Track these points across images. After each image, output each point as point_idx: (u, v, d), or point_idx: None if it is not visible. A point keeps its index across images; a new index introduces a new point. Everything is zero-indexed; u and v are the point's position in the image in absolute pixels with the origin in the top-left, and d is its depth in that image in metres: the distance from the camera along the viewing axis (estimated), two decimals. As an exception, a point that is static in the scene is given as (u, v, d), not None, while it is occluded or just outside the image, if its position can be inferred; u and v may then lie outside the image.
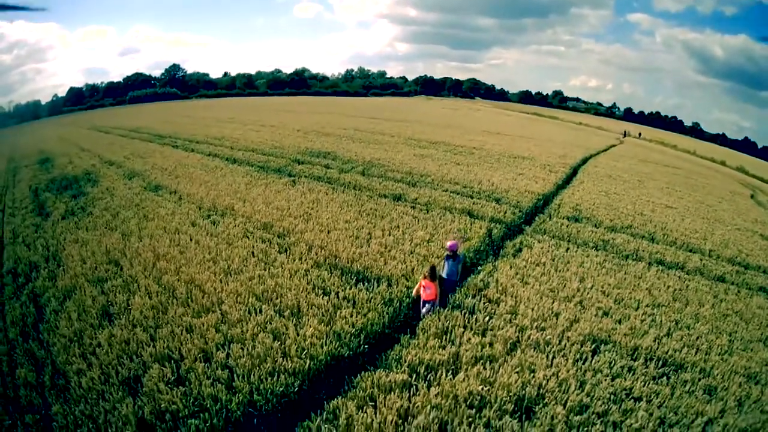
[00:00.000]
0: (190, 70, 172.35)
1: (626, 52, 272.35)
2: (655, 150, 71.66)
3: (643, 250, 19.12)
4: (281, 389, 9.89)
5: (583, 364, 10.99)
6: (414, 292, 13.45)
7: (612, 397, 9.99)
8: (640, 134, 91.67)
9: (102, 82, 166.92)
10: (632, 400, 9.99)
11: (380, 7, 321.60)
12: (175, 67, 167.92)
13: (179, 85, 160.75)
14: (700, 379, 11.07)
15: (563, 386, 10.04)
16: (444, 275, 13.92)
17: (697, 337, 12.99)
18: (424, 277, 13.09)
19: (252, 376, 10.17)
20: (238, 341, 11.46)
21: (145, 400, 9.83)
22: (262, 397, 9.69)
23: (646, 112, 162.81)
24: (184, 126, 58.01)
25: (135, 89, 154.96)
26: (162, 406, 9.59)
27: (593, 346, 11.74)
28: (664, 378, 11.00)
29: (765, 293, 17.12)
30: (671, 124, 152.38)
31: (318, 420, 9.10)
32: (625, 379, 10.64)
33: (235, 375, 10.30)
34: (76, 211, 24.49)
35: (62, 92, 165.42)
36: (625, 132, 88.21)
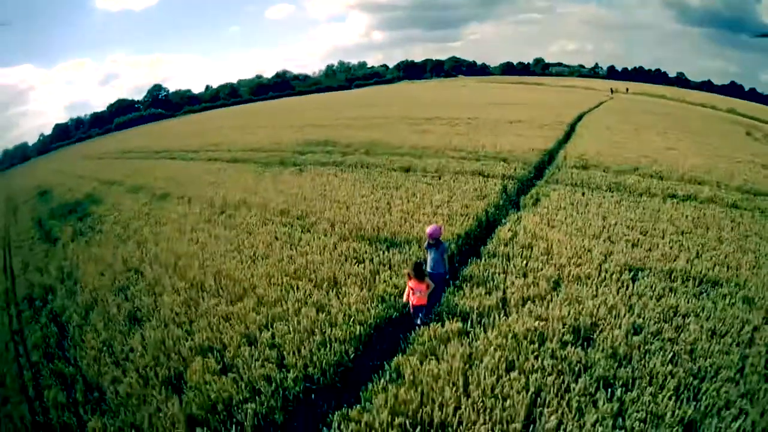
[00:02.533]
0: (172, 89, 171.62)
1: (602, 12, 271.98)
2: (646, 102, 72.13)
3: (655, 187, 19.38)
4: (336, 358, 9.66)
5: (627, 290, 11.08)
6: (404, 297, 11.21)
7: (661, 316, 10.10)
8: (627, 89, 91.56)
9: (86, 115, 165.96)
10: (680, 317, 10.08)
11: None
12: (157, 88, 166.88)
13: (163, 105, 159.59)
14: (737, 293, 11.22)
15: (613, 312, 10.12)
16: (428, 269, 11.62)
17: (725, 256, 13.24)
18: (410, 277, 10.86)
19: (303, 350, 9.87)
20: (280, 319, 11.19)
21: (191, 396, 9.37)
22: (317, 370, 9.39)
23: (629, 68, 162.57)
24: (177, 140, 57.89)
25: (120, 116, 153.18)
26: (212, 396, 9.15)
27: (631, 274, 11.88)
28: (704, 294, 11.19)
29: (779, 216, 17.31)
30: (656, 77, 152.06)
31: (382, 380, 8.89)
32: (669, 299, 10.75)
33: (284, 353, 10.00)
34: (85, 231, 24.28)
35: (48, 131, 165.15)
36: (611, 89, 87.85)
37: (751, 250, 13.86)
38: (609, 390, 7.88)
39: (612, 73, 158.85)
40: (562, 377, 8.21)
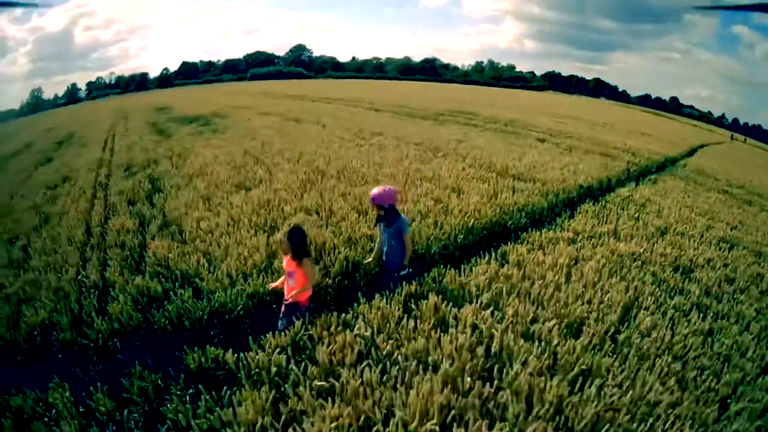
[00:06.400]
0: (315, 53, 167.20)
1: (733, 65, 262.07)
2: (762, 154, 71.64)
3: (755, 202, 19.68)
4: (444, 238, 9.95)
5: (723, 252, 11.32)
6: (278, 281, 7.33)
7: (751, 280, 10.15)
8: (745, 140, 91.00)
9: (219, 60, 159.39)
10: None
11: (505, 4, 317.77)
12: (300, 48, 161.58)
13: (305, 66, 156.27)
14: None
15: (711, 263, 10.41)
16: (381, 257, 8.12)
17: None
18: (284, 253, 6.86)
19: (412, 225, 9.85)
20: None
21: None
22: (423, 246, 9.59)
23: (750, 124, 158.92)
24: (316, 92, 59.72)
25: (256, 67, 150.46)
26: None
27: (728, 245, 11.98)
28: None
29: None
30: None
31: (487, 257, 9.03)
32: (758, 268, 10.81)
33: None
34: (205, 132, 25.16)
35: (173, 67, 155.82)
36: (731, 136, 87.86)
37: None
38: (701, 313, 8.05)
39: (734, 125, 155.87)
40: (659, 291, 8.54)
